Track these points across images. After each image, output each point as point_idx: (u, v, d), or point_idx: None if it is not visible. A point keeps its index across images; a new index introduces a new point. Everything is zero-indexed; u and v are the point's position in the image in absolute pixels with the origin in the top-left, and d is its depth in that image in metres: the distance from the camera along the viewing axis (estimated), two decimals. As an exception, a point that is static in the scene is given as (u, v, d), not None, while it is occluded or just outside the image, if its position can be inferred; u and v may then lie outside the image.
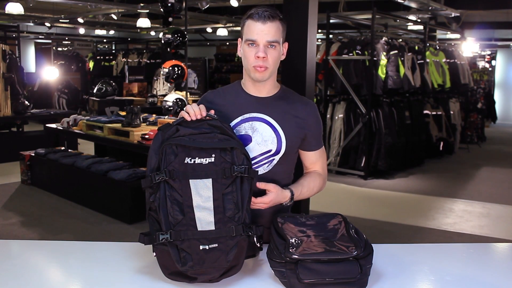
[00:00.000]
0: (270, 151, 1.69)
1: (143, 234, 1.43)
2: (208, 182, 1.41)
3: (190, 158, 1.42)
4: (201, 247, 1.38)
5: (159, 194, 1.41)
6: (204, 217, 1.40)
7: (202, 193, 1.41)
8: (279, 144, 1.69)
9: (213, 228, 1.39)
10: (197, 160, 1.42)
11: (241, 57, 1.69)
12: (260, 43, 1.61)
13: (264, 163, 1.70)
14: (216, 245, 1.39)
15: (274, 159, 1.70)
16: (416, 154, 7.29)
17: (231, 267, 1.42)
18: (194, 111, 1.50)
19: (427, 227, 4.65)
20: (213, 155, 1.43)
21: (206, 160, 1.42)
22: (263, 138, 1.68)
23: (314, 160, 1.81)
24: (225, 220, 1.40)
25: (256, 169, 1.65)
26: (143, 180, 1.44)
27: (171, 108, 5.54)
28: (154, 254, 1.42)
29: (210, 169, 1.42)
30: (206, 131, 1.47)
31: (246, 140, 1.68)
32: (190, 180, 1.41)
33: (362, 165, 6.56)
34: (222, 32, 11.03)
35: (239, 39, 1.69)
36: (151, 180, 1.41)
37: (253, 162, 1.67)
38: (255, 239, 1.44)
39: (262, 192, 1.61)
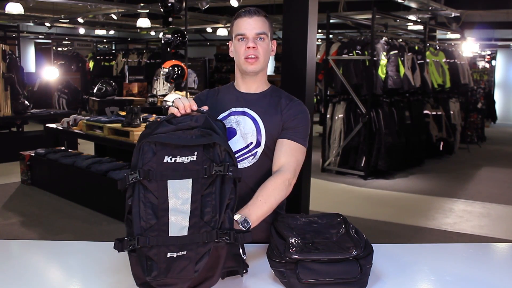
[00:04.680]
0: (251, 143, 1.73)
1: (118, 240, 1.28)
2: (188, 183, 1.29)
3: (170, 157, 1.30)
4: (168, 255, 1.24)
5: (133, 198, 1.30)
6: (178, 222, 1.27)
7: (180, 195, 1.29)
8: (258, 136, 1.73)
9: (185, 233, 1.25)
10: (178, 159, 1.30)
11: (234, 57, 1.77)
12: (249, 36, 1.70)
13: (249, 156, 1.74)
14: (185, 252, 1.24)
15: (256, 151, 1.73)
16: (416, 154, 7.29)
17: (204, 280, 1.27)
18: (184, 105, 1.44)
19: (427, 227, 4.65)
20: (196, 153, 1.31)
21: (187, 158, 1.31)
22: (245, 131, 1.73)
23: (285, 154, 1.67)
24: (200, 225, 1.26)
25: (241, 162, 1.70)
26: (119, 182, 1.32)
27: (171, 108, 5.53)
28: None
29: (191, 168, 1.30)
30: (187, 127, 1.37)
31: (231, 133, 1.74)
32: (168, 181, 1.29)
33: (362, 165, 6.56)
34: (222, 32, 11.03)
35: (230, 42, 1.78)
36: (125, 181, 1.30)
37: (238, 155, 1.71)
38: (240, 250, 1.30)
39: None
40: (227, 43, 1.80)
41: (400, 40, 7.60)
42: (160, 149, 1.32)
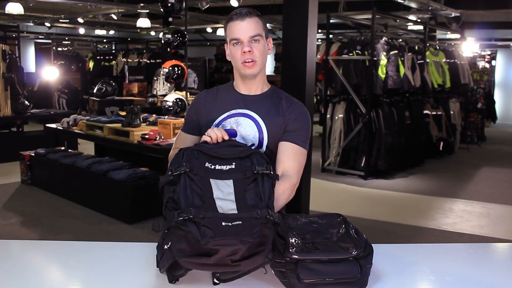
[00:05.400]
0: (253, 145, 1.74)
1: (158, 222, 1.34)
2: (229, 182, 1.38)
3: (210, 164, 1.41)
4: (223, 223, 1.26)
5: (179, 185, 1.36)
6: (226, 205, 1.32)
7: (222, 189, 1.36)
8: (260, 138, 1.73)
9: (235, 212, 1.31)
10: (217, 167, 1.41)
11: (231, 60, 1.76)
12: (244, 39, 1.68)
13: None
14: (240, 222, 1.27)
15: None
16: (416, 154, 7.29)
17: (257, 251, 1.27)
18: (217, 135, 1.53)
19: (427, 227, 4.65)
20: (234, 163, 1.42)
21: (226, 167, 1.41)
22: (245, 132, 1.74)
23: (288, 157, 1.69)
24: (249, 207, 1.33)
25: None
26: (162, 177, 1.40)
27: (171, 108, 5.53)
28: (166, 246, 1.33)
29: (231, 173, 1.40)
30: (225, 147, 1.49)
31: (231, 134, 1.73)
32: (210, 179, 1.38)
33: (362, 165, 6.56)
34: (222, 32, 11.03)
35: (226, 45, 1.77)
36: (171, 172, 1.38)
37: None
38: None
39: None
40: (224, 45, 1.80)
41: (400, 40, 7.60)
42: (201, 155, 1.43)
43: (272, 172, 1.40)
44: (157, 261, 1.41)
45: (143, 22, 9.15)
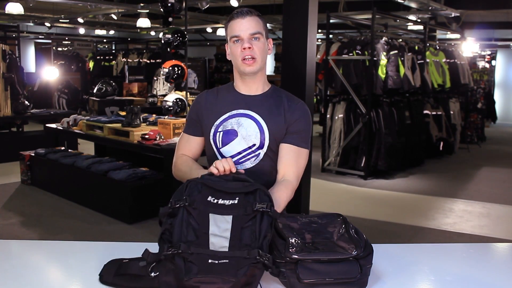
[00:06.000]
0: (254, 145, 1.74)
1: (147, 252, 1.36)
2: (229, 218, 1.37)
3: (213, 198, 1.40)
4: (210, 261, 1.27)
5: (176, 219, 1.37)
6: (219, 242, 1.32)
7: (220, 224, 1.36)
8: (262, 138, 1.73)
9: (226, 250, 1.31)
10: (220, 201, 1.40)
11: (231, 59, 1.76)
12: (244, 37, 1.69)
13: (251, 157, 1.75)
14: (227, 261, 1.27)
15: (259, 153, 1.75)
16: (416, 154, 7.29)
17: (244, 285, 1.25)
18: (224, 167, 1.52)
19: (427, 227, 4.65)
20: (237, 198, 1.40)
21: (229, 201, 1.40)
22: (247, 132, 1.74)
23: (290, 161, 1.73)
24: (241, 246, 1.31)
25: (244, 163, 1.74)
26: (162, 208, 1.40)
27: (171, 108, 5.53)
28: (152, 274, 1.34)
29: (232, 208, 1.39)
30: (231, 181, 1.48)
31: (232, 134, 1.74)
32: (210, 214, 1.37)
33: (362, 165, 6.56)
34: (222, 32, 11.03)
35: (226, 44, 1.77)
36: (170, 205, 1.39)
37: (240, 156, 1.75)
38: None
39: None
40: (225, 45, 1.80)
41: (400, 40, 7.60)
42: (205, 189, 1.42)
43: (272, 211, 1.37)
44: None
45: (143, 22, 9.15)
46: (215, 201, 1.40)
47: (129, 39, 16.06)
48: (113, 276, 1.42)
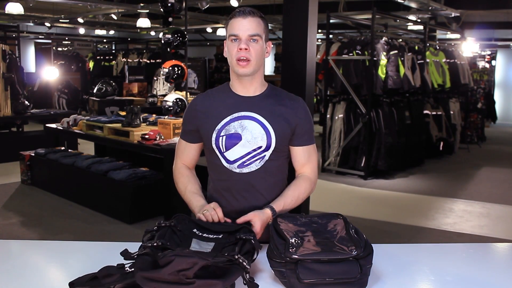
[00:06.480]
0: (260, 147, 1.72)
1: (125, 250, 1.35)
2: (211, 243, 1.47)
3: (198, 232, 1.51)
4: (187, 250, 1.37)
5: (160, 232, 1.42)
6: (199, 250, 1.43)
7: (202, 245, 1.46)
8: (268, 140, 1.72)
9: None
10: (205, 234, 1.50)
11: (227, 57, 1.74)
12: (242, 37, 1.66)
13: (256, 159, 1.73)
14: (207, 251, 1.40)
15: (265, 155, 1.73)
16: (416, 154, 7.29)
17: (216, 276, 1.21)
18: (212, 217, 1.59)
19: (427, 227, 4.65)
20: (221, 235, 1.51)
21: (213, 236, 1.50)
22: (252, 135, 1.71)
23: (304, 160, 1.81)
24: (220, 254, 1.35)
25: (249, 166, 1.73)
26: (147, 228, 1.46)
27: (171, 108, 5.53)
28: (128, 269, 1.30)
29: (216, 240, 1.49)
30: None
31: (236, 138, 1.72)
32: (193, 238, 1.48)
33: (362, 165, 6.56)
34: (222, 32, 11.03)
35: (224, 41, 1.75)
36: (157, 227, 1.45)
37: (245, 159, 1.73)
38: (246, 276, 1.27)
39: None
40: (224, 42, 1.78)
41: (400, 40, 7.60)
42: (191, 223, 1.53)
43: (255, 241, 1.41)
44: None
45: (143, 22, 9.15)
46: (200, 233, 1.50)
47: (129, 39, 16.06)
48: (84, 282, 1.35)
